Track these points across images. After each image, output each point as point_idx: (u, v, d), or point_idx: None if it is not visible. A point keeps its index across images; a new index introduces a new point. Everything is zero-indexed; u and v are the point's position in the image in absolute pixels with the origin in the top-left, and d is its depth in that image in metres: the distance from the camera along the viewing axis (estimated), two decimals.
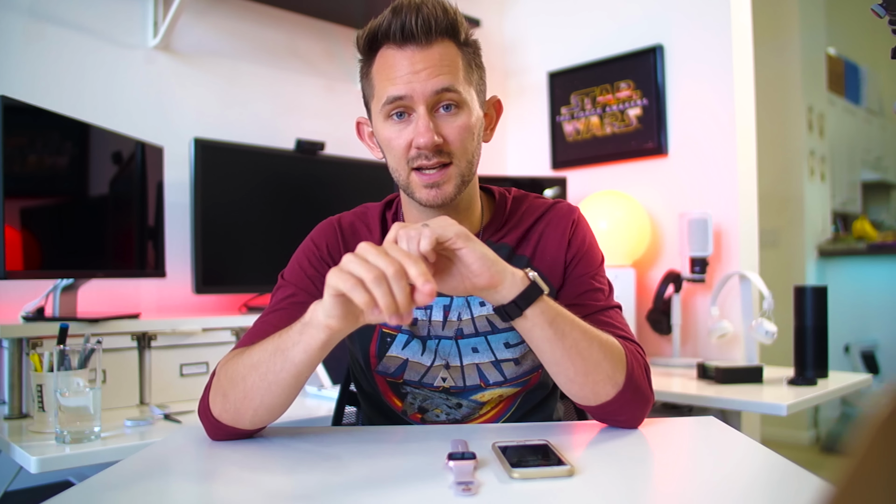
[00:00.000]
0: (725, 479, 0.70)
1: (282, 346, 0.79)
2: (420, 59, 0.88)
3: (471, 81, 0.93)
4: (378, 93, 0.91)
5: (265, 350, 0.81)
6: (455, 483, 0.64)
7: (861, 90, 4.56)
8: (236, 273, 1.94)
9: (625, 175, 2.42)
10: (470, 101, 0.92)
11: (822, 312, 1.75)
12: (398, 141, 0.90)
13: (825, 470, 0.37)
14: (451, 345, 0.97)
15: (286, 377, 0.79)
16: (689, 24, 2.25)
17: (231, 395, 0.83)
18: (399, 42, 0.88)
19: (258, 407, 0.82)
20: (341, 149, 2.22)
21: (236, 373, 0.83)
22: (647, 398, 0.88)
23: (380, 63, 0.91)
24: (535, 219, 1.02)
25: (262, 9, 2.19)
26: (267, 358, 0.80)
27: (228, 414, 0.83)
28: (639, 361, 0.89)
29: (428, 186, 0.90)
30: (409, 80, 0.87)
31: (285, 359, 0.78)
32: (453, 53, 0.90)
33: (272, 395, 0.81)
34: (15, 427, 1.34)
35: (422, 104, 0.88)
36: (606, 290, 0.99)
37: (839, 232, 4.18)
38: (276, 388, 0.80)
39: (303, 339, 0.76)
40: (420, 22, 0.87)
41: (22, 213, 1.40)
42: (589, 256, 1.00)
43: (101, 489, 0.68)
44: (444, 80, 0.88)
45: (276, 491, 0.69)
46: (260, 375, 0.80)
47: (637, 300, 2.19)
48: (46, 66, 1.76)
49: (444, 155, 0.89)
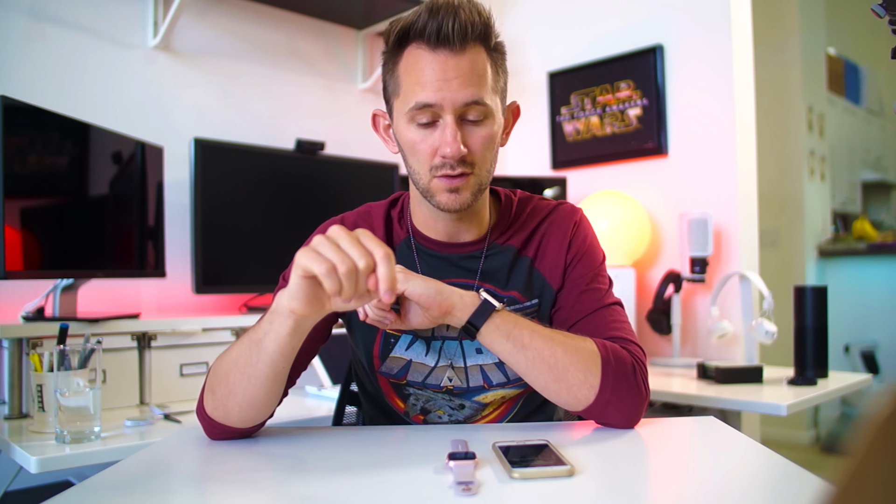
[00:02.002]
0: (725, 479, 0.70)
1: (255, 338, 0.80)
2: (452, 67, 0.86)
3: (497, 89, 0.93)
4: (405, 94, 0.90)
5: (242, 344, 0.82)
6: (455, 483, 0.64)
7: (861, 90, 4.56)
8: (236, 273, 1.94)
9: (625, 175, 2.42)
10: (495, 111, 0.92)
11: (822, 312, 1.75)
12: (422, 146, 0.90)
13: (825, 470, 0.37)
14: (456, 346, 0.98)
15: (263, 369, 0.80)
16: (689, 24, 2.25)
17: (218, 391, 0.84)
18: (433, 44, 0.87)
19: (242, 402, 0.82)
20: (341, 149, 2.22)
21: (221, 369, 0.84)
22: (634, 397, 0.87)
23: (408, 62, 0.89)
24: (539, 220, 1.03)
25: (262, 9, 2.19)
26: (244, 352, 0.81)
27: (218, 411, 0.84)
28: (622, 360, 0.87)
29: (449, 191, 0.91)
30: (440, 88, 0.86)
31: (259, 350, 0.79)
32: (483, 60, 0.89)
33: (253, 389, 0.81)
34: (15, 427, 1.34)
35: (450, 113, 0.87)
36: (605, 289, 0.99)
37: (839, 232, 4.18)
38: (255, 382, 0.81)
39: (272, 327, 0.77)
40: (457, 26, 0.85)
41: (22, 213, 1.40)
42: (589, 257, 1.00)
43: (101, 489, 0.68)
44: (474, 91, 0.87)
45: (276, 491, 0.69)
46: (239, 370, 0.81)
47: (637, 300, 2.19)
48: (46, 66, 1.76)
49: (467, 165, 0.90)
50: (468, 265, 0.99)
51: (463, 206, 0.92)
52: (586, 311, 0.95)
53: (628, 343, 0.91)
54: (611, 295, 0.99)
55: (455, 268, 0.99)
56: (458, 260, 0.99)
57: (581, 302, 0.96)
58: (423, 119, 0.89)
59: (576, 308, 0.96)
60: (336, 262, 0.67)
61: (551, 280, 0.99)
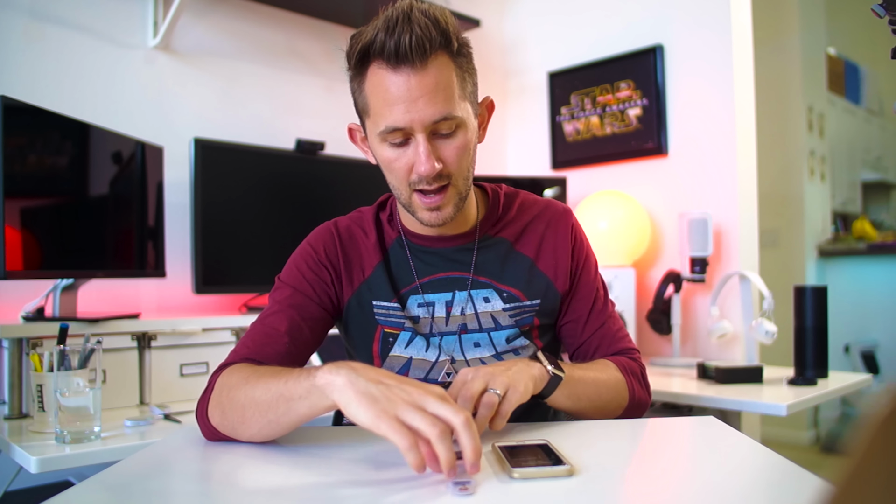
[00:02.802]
0: (725, 479, 0.70)
1: (286, 395, 0.75)
2: (416, 86, 0.84)
3: (465, 95, 0.91)
4: (375, 116, 0.89)
5: (268, 390, 0.77)
6: (452, 483, 0.64)
7: (861, 90, 4.56)
8: (236, 273, 1.94)
9: (625, 175, 2.42)
10: (466, 118, 0.91)
11: (822, 312, 1.75)
12: (397, 164, 0.90)
13: (825, 470, 0.37)
14: (454, 340, 0.99)
15: (287, 421, 0.76)
16: (689, 24, 2.25)
17: (229, 415, 0.81)
18: (393, 64, 0.85)
19: (255, 434, 0.80)
20: (341, 149, 2.22)
21: (236, 399, 0.80)
22: (645, 405, 1.00)
23: (374, 82, 0.88)
24: (531, 216, 1.05)
25: (262, 9, 2.19)
26: (270, 400, 0.76)
27: (225, 428, 0.83)
28: (637, 375, 1.00)
29: (429, 210, 0.92)
30: (407, 110, 0.85)
31: (289, 408, 0.75)
32: (448, 70, 0.87)
33: (270, 430, 0.79)
34: (15, 427, 1.34)
35: (420, 132, 0.87)
36: (604, 297, 1.07)
37: (839, 232, 4.18)
38: (275, 427, 0.78)
39: (310, 399, 0.73)
40: (414, 43, 0.83)
41: (22, 213, 1.40)
42: (589, 261, 1.07)
43: (101, 489, 0.68)
44: (441, 108, 0.86)
45: (276, 491, 0.69)
46: (261, 412, 0.77)
47: (637, 300, 2.19)
48: (46, 66, 1.76)
49: (443, 178, 0.90)
50: (461, 258, 1.01)
51: (447, 221, 0.94)
52: (595, 327, 1.04)
53: (632, 352, 1.04)
54: (608, 301, 1.07)
55: (449, 262, 1.01)
56: (450, 254, 1.01)
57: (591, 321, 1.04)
58: (395, 140, 0.89)
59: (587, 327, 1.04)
60: (428, 433, 0.63)
61: (556, 282, 1.02)
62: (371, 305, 0.99)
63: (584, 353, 1.05)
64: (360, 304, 1.00)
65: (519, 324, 1.00)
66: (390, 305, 0.98)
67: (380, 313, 0.99)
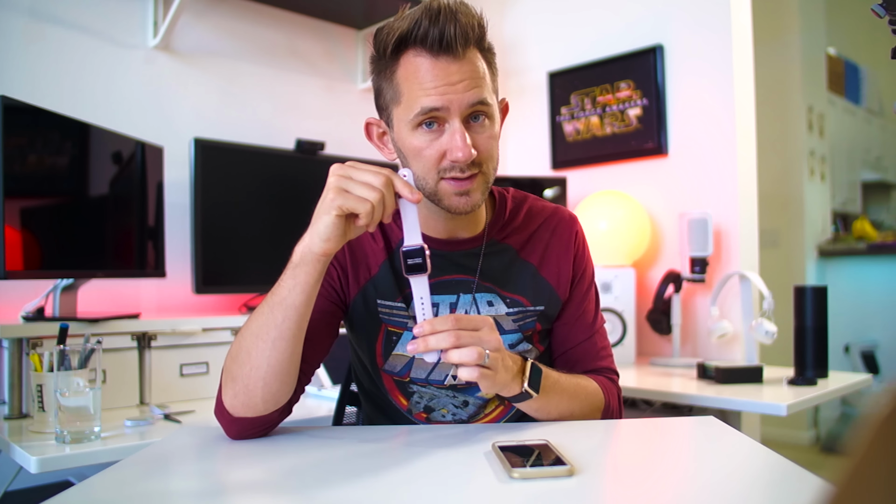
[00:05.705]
0: (725, 479, 0.70)
1: (276, 300, 0.82)
2: (456, 71, 0.87)
3: (494, 89, 0.94)
4: (408, 101, 0.89)
5: (262, 313, 0.84)
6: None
7: (861, 90, 4.56)
8: (236, 273, 1.93)
9: (625, 175, 2.41)
10: (495, 110, 0.94)
11: (822, 312, 1.75)
12: (429, 151, 0.90)
13: (825, 470, 0.37)
14: None
15: (290, 326, 0.82)
16: (689, 24, 2.25)
17: (239, 374, 0.84)
18: (434, 51, 0.87)
19: (266, 375, 0.83)
20: (341, 149, 2.22)
21: (239, 352, 0.85)
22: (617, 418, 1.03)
23: (408, 69, 0.89)
24: (538, 224, 1.05)
25: (262, 9, 2.19)
26: (265, 319, 0.83)
27: (239, 398, 0.84)
28: (613, 393, 1.02)
29: (459, 194, 0.91)
30: (446, 92, 0.87)
31: (285, 307, 0.82)
32: (481, 62, 0.91)
33: (278, 353, 0.83)
34: (15, 427, 1.34)
35: (457, 117, 0.88)
36: (594, 311, 1.08)
37: (839, 232, 4.18)
38: (280, 344, 0.83)
39: (298, 280, 0.81)
40: (459, 32, 0.86)
41: (22, 213, 1.40)
42: (587, 272, 1.07)
43: (101, 489, 0.68)
44: (479, 92, 0.88)
45: (276, 490, 0.69)
46: (262, 338, 0.83)
47: (637, 300, 2.19)
48: (46, 66, 1.76)
49: (475, 166, 0.91)
50: (467, 263, 1.01)
51: (474, 207, 0.93)
52: (581, 339, 1.05)
53: (611, 373, 1.06)
54: (598, 316, 1.08)
55: (455, 266, 1.00)
56: (457, 258, 1.01)
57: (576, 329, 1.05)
58: (429, 123, 0.89)
59: (571, 335, 1.06)
60: (370, 197, 0.78)
61: (558, 289, 1.03)
62: (376, 304, 0.99)
63: (566, 361, 1.05)
64: (366, 302, 1.00)
65: (522, 328, 1.01)
66: (395, 304, 0.99)
67: (384, 312, 0.99)
